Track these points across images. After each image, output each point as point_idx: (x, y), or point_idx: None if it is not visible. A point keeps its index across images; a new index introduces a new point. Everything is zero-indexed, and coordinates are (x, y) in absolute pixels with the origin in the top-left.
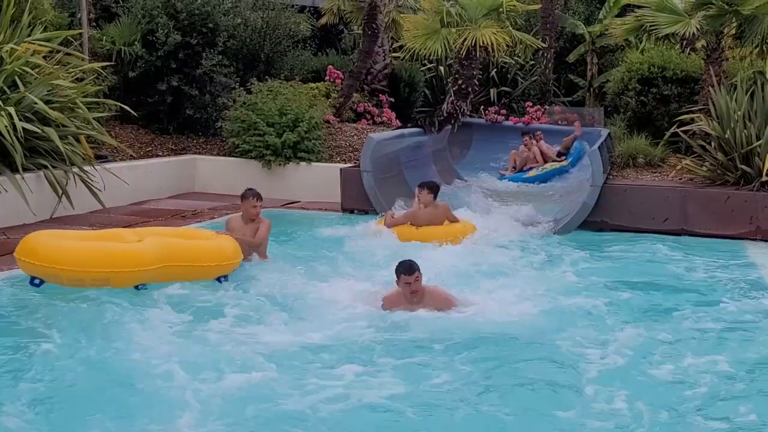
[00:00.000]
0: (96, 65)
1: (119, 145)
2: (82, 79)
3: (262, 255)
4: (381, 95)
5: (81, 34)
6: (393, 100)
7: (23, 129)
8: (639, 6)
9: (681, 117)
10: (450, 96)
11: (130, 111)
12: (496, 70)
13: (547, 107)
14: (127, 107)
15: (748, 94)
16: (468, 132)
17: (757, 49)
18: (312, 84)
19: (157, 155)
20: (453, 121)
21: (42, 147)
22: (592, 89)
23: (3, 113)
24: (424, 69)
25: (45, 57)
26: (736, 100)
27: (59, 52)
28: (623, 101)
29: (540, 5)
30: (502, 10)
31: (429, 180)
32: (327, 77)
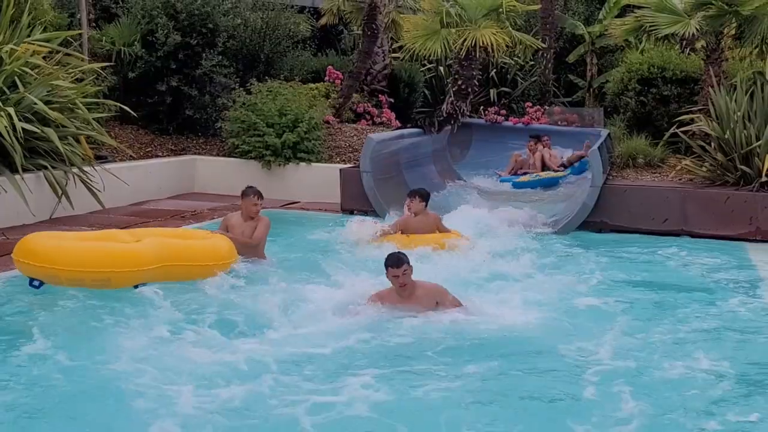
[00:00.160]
0: (95, 66)
1: (119, 146)
2: (81, 80)
3: (260, 255)
4: (381, 96)
5: (81, 34)
6: (393, 100)
7: (23, 129)
8: (639, 6)
9: (681, 117)
10: (450, 96)
11: (129, 111)
12: (495, 70)
13: (547, 108)
14: (127, 108)
15: (747, 94)
16: (468, 132)
17: (757, 50)
18: (312, 84)
19: (157, 156)
20: (453, 122)
21: (42, 147)
22: (591, 90)
23: (3, 114)
24: (423, 69)
25: (45, 57)
26: (735, 100)
27: (59, 52)
28: (623, 101)
29: (540, 6)
30: (501, 10)
31: (419, 187)
32: (327, 78)
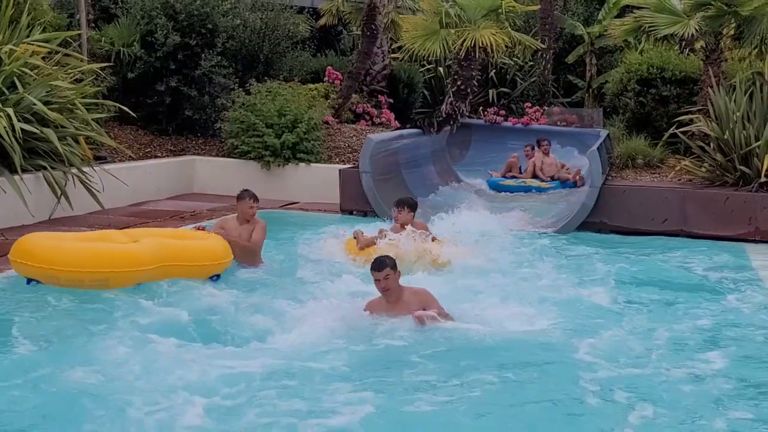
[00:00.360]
0: (95, 66)
1: (118, 146)
2: (81, 80)
3: (257, 259)
4: (380, 96)
5: (80, 35)
6: (392, 101)
7: (22, 130)
8: (638, 7)
9: (680, 118)
10: (449, 97)
11: (129, 112)
12: (495, 71)
13: (546, 108)
14: (126, 108)
15: (746, 95)
16: (467, 133)
17: (756, 50)
18: (311, 85)
19: (156, 156)
20: (452, 122)
21: (41, 148)
22: (591, 90)
23: (2, 114)
24: (423, 70)
25: (44, 58)
26: (734, 100)
27: (58, 53)
28: (622, 102)
29: (539, 6)
30: (501, 10)
31: (407, 197)
32: (326, 78)
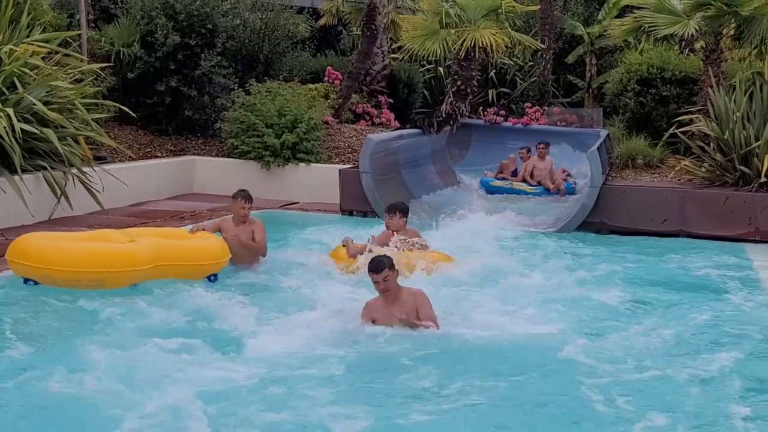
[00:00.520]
0: (95, 66)
1: (118, 146)
2: (80, 80)
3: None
4: (380, 96)
5: (80, 35)
6: (392, 101)
7: (22, 130)
8: (638, 7)
9: (680, 118)
10: (449, 97)
11: (128, 112)
12: (495, 71)
13: (546, 108)
14: (126, 108)
15: (746, 95)
16: (467, 133)
17: (756, 50)
18: (311, 85)
19: (156, 156)
20: (452, 122)
21: (41, 148)
22: (591, 90)
23: (2, 114)
24: (423, 70)
25: (44, 58)
26: (734, 101)
27: (58, 53)
28: (622, 102)
29: (539, 6)
30: (500, 11)
31: (398, 202)
32: (326, 78)
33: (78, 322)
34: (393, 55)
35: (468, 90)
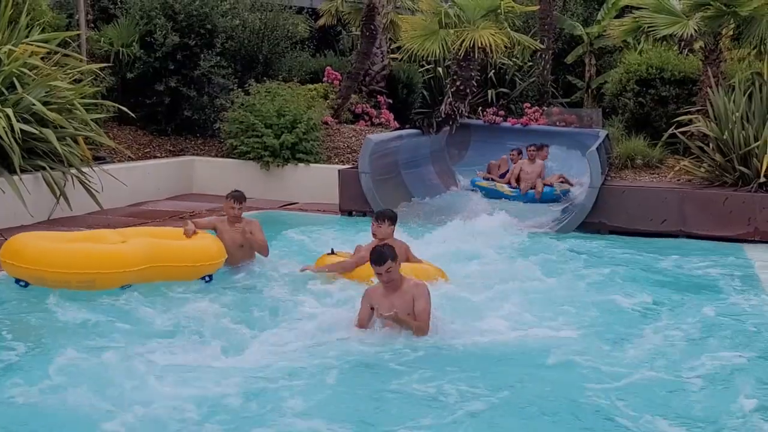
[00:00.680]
0: (94, 66)
1: (117, 147)
2: (80, 81)
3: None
4: (379, 96)
5: (79, 35)
6: (391, 101)
7: (21, 130)
8: (637, 7)
9: (679, 118)
10: (448, 97)
11: (128, 112)
12: (494, 71)
13: (546, 108)
14: (125, 108)
15: (746, 95)
16: (466, 133)
17: (755, 51)
18: (310, 85)
19: (155, 156)
20: (451, 123)
21: (40, 148)
22: (590, 90)
23: (1, 115)
24: (422, 70)
25: (43, 58)
26: (734, 101)
27: (57, 53)
28: (621, 102)
29: (538, 6)
30: (500, 11)
31: (386, 209)
32: (325, 78)
33: (61, 325)
34: (392, 56)
35: (467, 90)
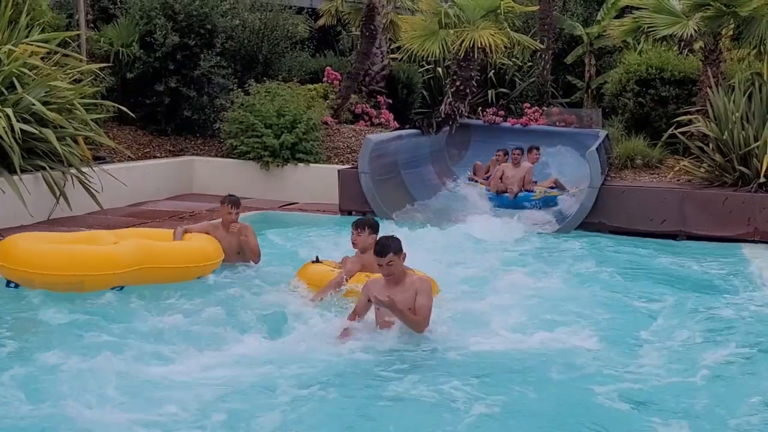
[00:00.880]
0: (94, 66)
1: (117, 147)
2: (79, 81)
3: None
4: (379, 96)
5: (79, 35)
6: (391, 101)
7: (21, 130)
8: (637, 7)
9: (679, 118)
10: (448, 97)
11: (128, 112)
12: (494, 71)
13: (545, 108)
14: (125, 108)
15: (745, 95)
16: (466, 133)
17: (755, 51)
18: (310, 85)
19: (155, 156)
20: (451, 123)
21: (40, 148)
22: (590, 90)
23: (1, 114)
24: (422, 70)
25: (43, 58)
26: (734, 101)
27: (57, 53)
28: (621, 102)
29: (538, 7)
30: (500, 11)
31: (366, 217)
32: (325, 78)
33: (41, 328)
34: (392, 56)
35: (467, 90)
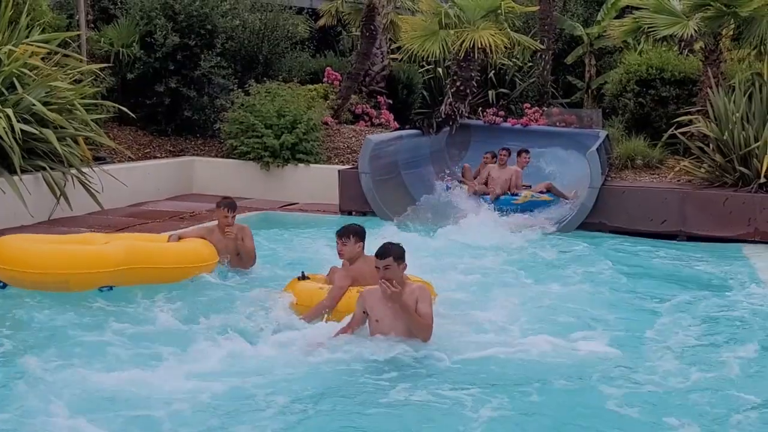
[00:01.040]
0: (94, 67)
1: (117, 147)
2: (80, 81)
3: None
4: (379, 97)
5: (79, 35)
6: (391, 101)
7: (21, 131)
8: (637, 8)
9: (679, 118)
10: (448, 98)
11: (128, 112)
12: (494, 71)
13: (545, 109)
14: (125, 109)
15: (746, 95)
16: (466, 134)
17: (755, 51)
18: (310, 86)
19: (156, 157)
20: (451, 123)
21: (40, 148)
22: (590, 91)
23: (1, 115)
24: (422, 71)
25: (43, 59)
26: (734, 101)
27: (57, 53)
28: (621, 103)
29: (538, 7)
30: (500, 11)
31: (351, 224)
32: (325, 79)
33: (23, 330)
34: (392, 56)
35: (467, 91)
